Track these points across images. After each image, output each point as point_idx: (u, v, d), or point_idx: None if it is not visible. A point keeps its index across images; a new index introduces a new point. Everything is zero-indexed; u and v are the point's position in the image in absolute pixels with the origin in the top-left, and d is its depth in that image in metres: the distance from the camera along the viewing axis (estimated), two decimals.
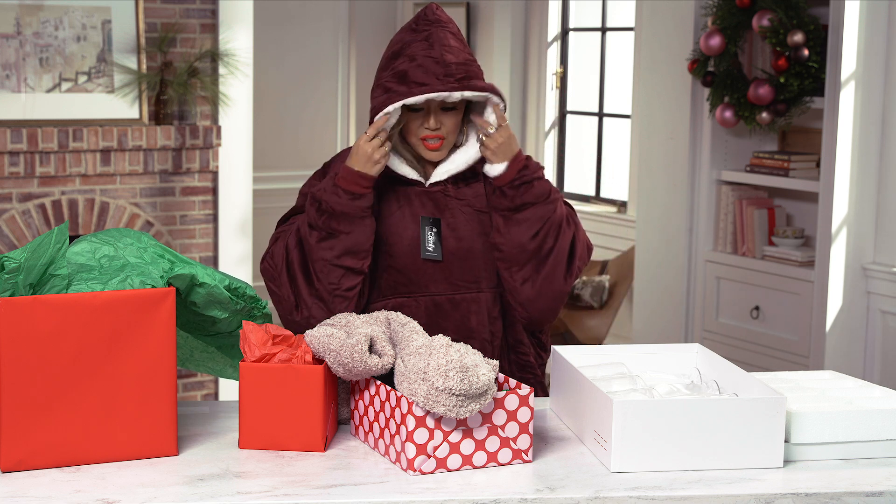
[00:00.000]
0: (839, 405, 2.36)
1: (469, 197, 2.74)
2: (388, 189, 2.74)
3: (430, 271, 2.70)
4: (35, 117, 5.34)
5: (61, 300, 2.12)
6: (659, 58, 5.74)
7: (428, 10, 2.71)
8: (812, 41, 4.96)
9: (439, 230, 2.71)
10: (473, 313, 2.72)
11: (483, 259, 2.73)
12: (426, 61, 2.63)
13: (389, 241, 2.71)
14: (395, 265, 2.71)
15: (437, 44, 2.65)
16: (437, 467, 2.15)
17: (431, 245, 2.71)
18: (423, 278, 2.70)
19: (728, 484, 2.12)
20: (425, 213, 2.72)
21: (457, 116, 2.69)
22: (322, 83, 7.96)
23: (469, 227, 2.72)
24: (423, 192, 2.73)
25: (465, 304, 2.72)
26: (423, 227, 2.71)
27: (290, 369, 2.25)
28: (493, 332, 2.75)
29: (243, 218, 5.82)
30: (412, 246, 2.71)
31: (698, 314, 5.64)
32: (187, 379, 5.73)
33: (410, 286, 2.71)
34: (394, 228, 2.72)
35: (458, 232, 2.72)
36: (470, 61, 2.68)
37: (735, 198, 5.45)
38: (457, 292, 2.72)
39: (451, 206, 2.73)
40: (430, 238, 2.71)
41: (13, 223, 5.31)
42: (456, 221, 2.72)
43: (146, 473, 2.14)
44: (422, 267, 2.70)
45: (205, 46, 5.65)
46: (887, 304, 4.92)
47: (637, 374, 2.50)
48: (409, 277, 2.70)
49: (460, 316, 2.72)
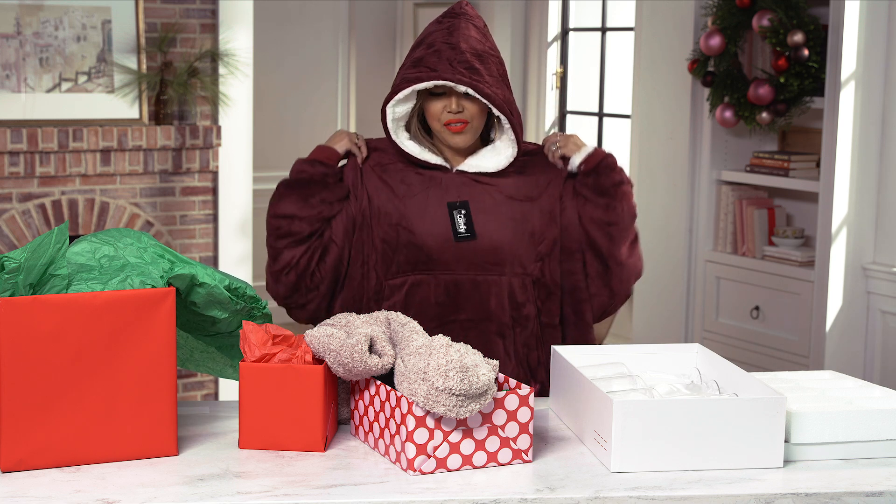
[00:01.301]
0: (839, 405, 2.36)
1: (499, 183, 2.76)
2: (412, 172, 2.75)
3: (453, 250, 2.71)
4: (35, 117, 5.34)
5: (61, 300, 2.12)
6: (659, 58, 5.74)
7: (457, 4, 2.74)
8: (812, 41, 4.96)
9: (468, 211, 2.73)
10: (493, 296, 2.73)
11: (510, 243, 2.73)
12: (442, 47, 2.66)
13: (410, 218, 2.73)
14: (415, 241, 2.72)
15: (457, 32, 2.67)
16: (437, 467, 2.15)
17: (463, 227, 2.73)
18: (445, 256, 2.72)
19: (728, 484, 2.12)
20: (450, 198, 2.73)
21: (481, 103, 2.70)
22: (322, 83, 7.95)
23: (497, 210, 2.74)
24: (448, 177, 2.75)
25: (486, 287, 2.73)
26: (451, 212, 2.72)
27: (290, 369, 2.25)
28: (514, 318, 2.75)
29: (243, 218, 5.82)
30: (433, 225, 2.72)
31: (698, 314, 5.64)
32: (187, 379, 5.73)
33: (430, 264, 2.73)
34: (415, 209, 2.74)
35: (487, 214, 2.73)
36: (487, 53, 2.69)
37: (735, 198, 5.45)
38: (479, 274, 2.73)
39: (477, 191, 2.74)
40: (461, 220, 2.73)
41: (13, 223, 5.31)
42: (484, 204, 2.74)
43: (146, 473, 2.13)
44: (444, 245, 2.71)
45: (205, 46, 5.65)
46: (887, 304, 4.92)
47: (637, 374, 2.50)
48: (429, 255, 2.72)
49: (479, 297, 2.73)
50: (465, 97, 2.69)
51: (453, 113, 2.69)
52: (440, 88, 2.68)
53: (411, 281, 2.72)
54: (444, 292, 2.72)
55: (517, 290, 2.75)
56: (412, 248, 2.72)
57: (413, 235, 2.72)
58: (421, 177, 2.76)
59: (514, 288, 2.75)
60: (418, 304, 2.73)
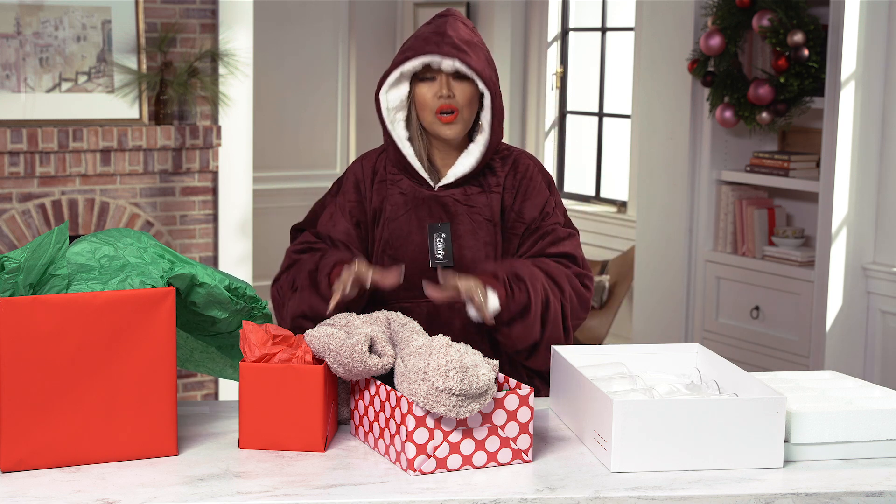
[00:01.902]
0: (839, 405, 2.36)
1: (479, 205, 2.73)
2: (397, 194, 2.74)
3: (433, 277, 2.68)
4: (35, 117, 5.34)
5: (61, 300, 2.12)
6: (659, 58, 5.74)
7: (445, 10, 2.75)
8: (812, 41, 4.96)
9: (448, 235, 2.70)
10: (474, 322, 2.68)
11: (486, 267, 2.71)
12: (430, 35, 2.67)
13: (395, 245, 2.71)
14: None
15: (445, 25, 2.68)
16: (437, 467, 2.15)
17: (441, 252, 2.69)
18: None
19: (728, 484, 2.12)
20: (433, 220, 2.71)
21: (470, 89, 2.67)
22: (322, 83, 7.96)
23: (476, 235, 2.71)
24: (432, 197, 2.73)
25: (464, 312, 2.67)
26: (430, 235, 2.70)
27: (290, 369, 2.25)
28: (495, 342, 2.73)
29: (243, 218, 5.82)
30: (418, 252, 2.70)
31: (698, 314, 5.64)
32: (187, 379, 5.73)
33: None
34: (399, 233, 2.71)
35: (464, 240, 2.71)
36: (475, 42, 2.68)
37: (735, 198, 5.45)
38: (459, 300, 2.67)
39: (459, 213, 2.72)
40: (440, 245, 2.70)
41: (13, 223, 5.31)
42: (463, 229, 2.71)
43: (146, 473, 2.14)
44: (425, 272, 2.69)
45: (205, 46, 5.65)
46: (887, 304, 4.92)
47: (637, 374, 2.50)
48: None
49: (461, 323, 2.70)
50: (454, 78, 2.67)
51: (444, 98, 2.66)
52: (430, 73, 2.66)
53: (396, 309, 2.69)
54: (426, 319, 2.69)
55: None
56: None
57: (396, 263, 2.69)
58: (404, 198, 2.74)
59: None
60: None
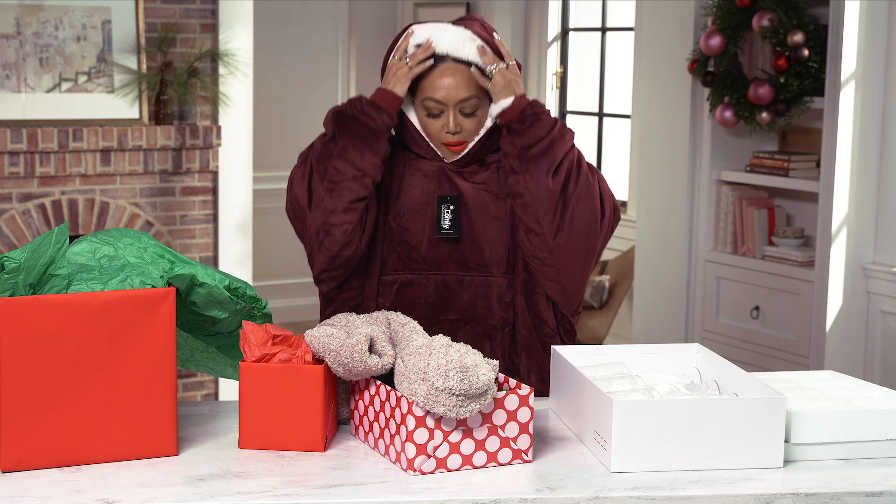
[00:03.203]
0: (839, 405, 2.36)
1: (486, 181, 2.74)
2: (409, 165, 2.75)
3: (443, 250, 2.71)
4: (35, 117, 5.35)
5: (61, 300, 2.12)
6: (659, 58, 5.74)
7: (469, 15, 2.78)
8: (812, 41, 4.96)
9: (457, 207, 2.71)
10: (482, 297, 2.73)
11: (495, 243, 2.72)
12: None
13: (406, 216, 2.73)
14: (409, 240, 2.72)
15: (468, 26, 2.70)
16: (437, 467, 2.15)
17: (448, 223, 2.70)
18: (436, 256, 2.71)
19: (728, 484, 2.12)
20: (442, 192, 2.72)
21: (477, 120, 2.69)
22: (322, 83, 7.96)
23: (483, 209, 2.73)
24: (441, 170, 2.74)
25: (475, 287, 2.72)
26: (439, 206, 2.71)
27: (290, 369, 2.25)
28: (503, 319, 2.74)
29: (243, 218, 5.82)
30: (428, 223, 2.72)
31: (698, 314, 5.64)
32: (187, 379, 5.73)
33: (422, 263, 2.72)
34: (411, 204, 2.73)
35: (473, 213, 2.72)
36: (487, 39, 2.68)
37: (735, 198, 5.45)
38: (467, 273, 2.72)
39: (469, 188, 2.74)
40: (447, 216, 2.71)
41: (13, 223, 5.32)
42: (472, 202, 2.73)
43: (146, 473, 2.13)
44: (435, 245, 2.71)
45: (205, 46, 5.66)
46: (887, 304, 4.92)
47: (637, 374, 2.50)
48: (421, 254, 2.72)
49: (468, 297, 2.73)
50: (462, 116, 2.68)
51: (451, 133, 2.68)
52: (437, 108, 2.67)
53: (402, 279, 2.73)
54: (433, 292, 2.72)
55: (504, 290, 2.74)
56: (406, 246, 2.72)
57: (408, 233, 2.72)
58: (416, 170, 2.75)
59: (502, 288, 2.74)
60: (408, 303, 2.73)
